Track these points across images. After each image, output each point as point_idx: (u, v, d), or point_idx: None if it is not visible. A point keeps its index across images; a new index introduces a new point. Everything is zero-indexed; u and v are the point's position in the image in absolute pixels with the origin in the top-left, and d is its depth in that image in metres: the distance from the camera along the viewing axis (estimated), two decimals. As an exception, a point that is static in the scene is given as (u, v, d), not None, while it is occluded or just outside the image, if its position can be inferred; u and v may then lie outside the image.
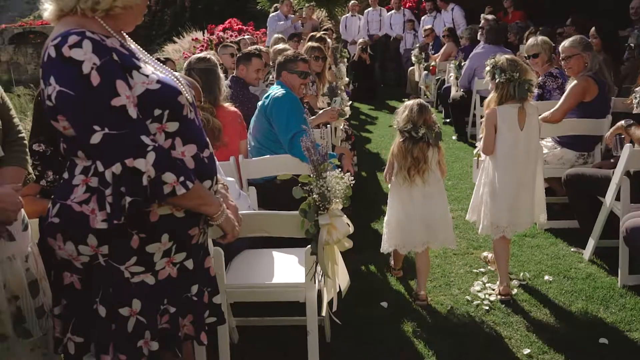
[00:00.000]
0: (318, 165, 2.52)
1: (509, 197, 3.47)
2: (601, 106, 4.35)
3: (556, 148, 4.55)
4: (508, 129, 3.42)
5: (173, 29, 16.59)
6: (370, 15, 12.62)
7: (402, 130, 3.38)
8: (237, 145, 3.83)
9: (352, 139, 5.92)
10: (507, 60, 3.45)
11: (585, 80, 4.30)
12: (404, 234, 3.50)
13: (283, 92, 4.06)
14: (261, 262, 3.04)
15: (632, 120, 3.61)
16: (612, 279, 3.70)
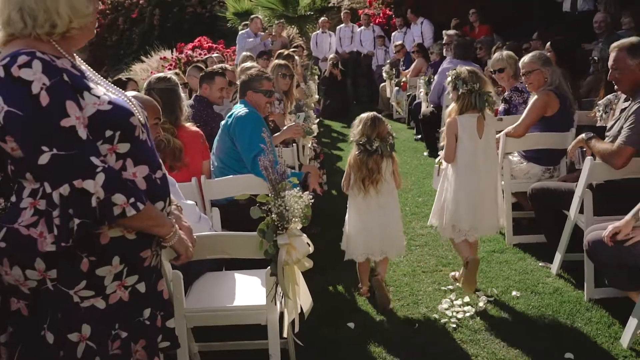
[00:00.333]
0: (276, 184, 2.55)
1: (471, 202, 3.70)
2: (564, 120, 4.47)
3: (522, 163, 4.66)
4: (468, 138, 3.68)
5: (141, 48, 16.56)
6: (342, 31, 12.80)
7: (357, 142, 3.61)
8: (199, 165, 3.84)
9: (320, 158, 5.97)
10: (468, 72, 3.71)
11: (547, 94, 4.43)
12: (363, 243, 3.72)
13: (246, 111, 4.11)
14: (222, 285, 3.05)
15: (592, 133, 3.73)
16: (579, 293, 3.78)
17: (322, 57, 12.49)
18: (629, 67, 3.52)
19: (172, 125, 3.66)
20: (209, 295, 2.94)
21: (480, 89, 3.65)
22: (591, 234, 3.23)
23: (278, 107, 5.62)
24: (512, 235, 4.67)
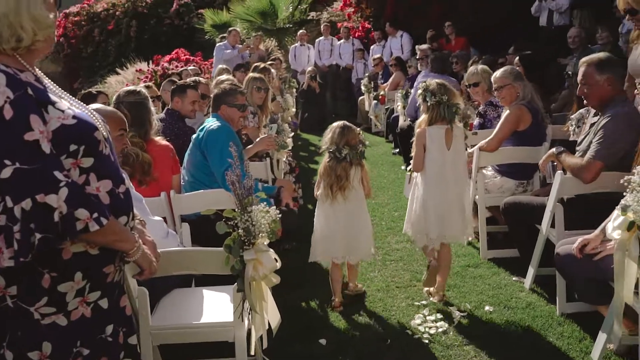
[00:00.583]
0: (243, 199, 2.58)
1: (438, 212, 3.86)
2: (536, 134, 4.56)
3: (496, 177, 4.74)
4: (436, 149, 3.85)
5: (117, 60, 16.54)
6: (321, 44, 12.92)
7: (328, 150, 3.85)
8: (169, 180, 3.85)
9: (296, 171, 6.01)
10: (437, 84, 3.87)
11: (519, 109, 4.52)
12: (327, 247, 3.93)
13: (218, 125, 4.14)
14: (190, 302, 3.05)
15: (562, 147, 3.81)
16: (552, 308, 3.83)
17: (301, 70, 12.58)
18: (597, 82, 3.61)
19: (141, 139, 3.68)
20: (176, 312, 2.94)
21: (449, 101, 3.79)
22: (561, 247, 3.29)
23: (252, 120, 5.65)
24: (486, 249, 4.73)
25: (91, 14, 19.24)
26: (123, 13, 18.80)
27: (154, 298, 3.01)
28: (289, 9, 14.91)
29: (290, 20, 14.95)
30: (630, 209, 2.60)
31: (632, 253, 2.68)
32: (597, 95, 3.64)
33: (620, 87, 3.63)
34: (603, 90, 3.60)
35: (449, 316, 3.81)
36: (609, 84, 3.58)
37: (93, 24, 19.11)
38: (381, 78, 10.62)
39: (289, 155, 5.91)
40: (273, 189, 4.49)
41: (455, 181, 3.88)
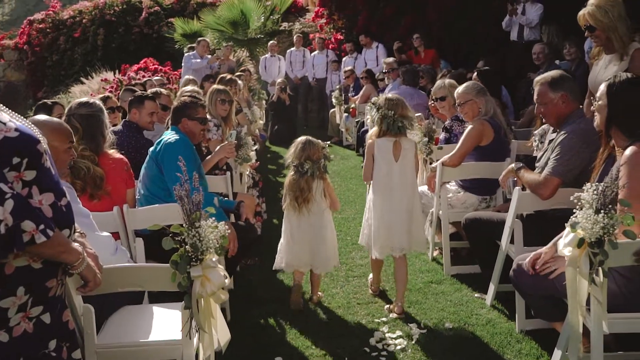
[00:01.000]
0: (190, 214, 2.60)
1: (385, 222, 4.11)
2: (499, 149, 4.65)
3: (460, 192, 4.82)
4: (384, 160, 4.11)
5: (83, 69, 16.41)
6: (293, 55, 13.00)
7: (292, 165, 4.14)
8: (122, 194, 3.84)
9: (259, 185, 6.03)
10: (385, 99, 4.13)
11: (481, 124, 4.61)
12: (291, 256, 4.21)
13: (176, 138, 4.14)
14: (140, 319, 3.04)
15: (521, 163, 3.90)
16: (511, 324, 3.90)
17: (271, 81, 12.64)
18: (552, 100, 3.72)
19: (92, 153, 3.66)
20: (123, 330, 2.93)
21: (394, 115, 4.04)
22: (516, 264, 3.36)
23: (216, 133, 5.66)
24: (450, 265, 4.81)
25: (57, 22, 19.09)
26: (90, 21, 18.67)
27: (102, 315, 3.00)
28: (260, 19, 14.95)
29: (262, 30, 14.99)
30: (579, 226, 2.67)
31: (583, 270, 2.74)
32: (553, 113, 3.74)
33: (576, 104, 3.73)
34: (558, 108, 3.70)
35: (409, 333, 3.86)
36: (563, 102, 3.69)
37: (59, 32, 18.96)
38: (352, 90, 10.72)
39: (252, 168, 5.92)
40: (232, 203, 4.51)
41: (403, 192, 4.11)
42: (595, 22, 4.08)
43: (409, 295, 4.42)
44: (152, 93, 5.58)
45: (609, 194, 2.61)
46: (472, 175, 4.70)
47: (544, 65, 7.22)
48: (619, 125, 3.00)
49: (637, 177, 2.86)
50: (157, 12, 18.56)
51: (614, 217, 2.61)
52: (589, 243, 2.69)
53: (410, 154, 4.12)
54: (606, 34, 4.07)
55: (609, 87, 3.04)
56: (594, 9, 4.09)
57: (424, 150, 5.38)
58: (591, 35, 4.22)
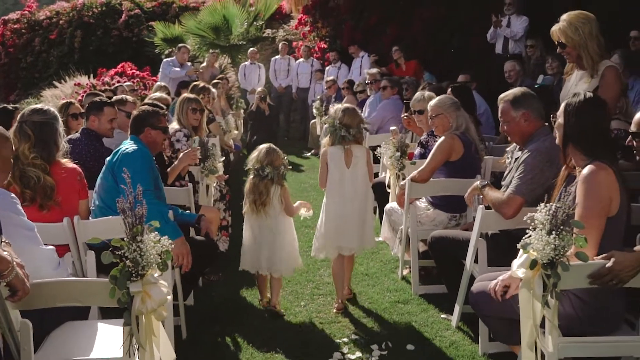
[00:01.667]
0: (132, 227, 2.63)
1: (337, 225, 4.53)
2: (469, 165, 4.71)
3: (429, 209, 4.87)
4: (336, 167, 4.53)
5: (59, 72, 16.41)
6: (277, 63, 13.05)
7: (252, 168, 4.46)
8: (74, 205, 3.86)
9: (227, 198, 6.05)
10: (336, 110, 4.57)
11: (451, 138, 4.67)
12: (252, 258, 4.53)
13: (135, 148, 4.17)
14: (82, 336, 3.06)
15: (486, 181, 3.96)
16: (475, 347, 3.94)
17: (250, 89, 12.68)
18: (514, 119, 3.80)
19: (44, 162, 3.68)
20: (63, 347, 2.94)
21: (339, 125, 4.47)
22: (475, 285, 3.41)
23: (185, 143, 5.67)
24: (418, 285, 4.85)
25: (32, 22, 19.12)
26: (67, 22, 18.71)
27: (43, 331, 3.01)
28: (243, 25, 15.07)
29: (245, 37, 15.10)
30: (530, 246, 2.72)
31: (537, 292, 2.79)
32: (516, 132, 3.82)
33: (540, 122, 3.80)
34: (520, 126, 3.78)
35: (369, 354, 3.89)
36: (525, 120, 3.76)
37: (34, 33, 18.98)
38: (334, 101, 10.77)
39: (221, 180, 5.95)
40: (193, 216, 4.54)
41: (355, 197, 4.55)
42: (566, 39, 4.17)
43: (374, 315, 4.48)
44: (117, 99, 5.63)
45: (560, 215, 2.67)
46: (442, 192, 4.75)
47: (517, 82, 7.32)
48: (576, 144, 3.07)
49: (592, 197, 2.92)
50: (138, 15, 18.61)
51: (566, 239, 2.67)
52: (542, 264, 2.74)
53: (361, 161, 4.53)
54: (577, 51, 4.15)
55: (566, 106, 3.11)
56: (565, 26, 4.19)
57: (396, 165, 5.45)
58: (563, 51, 4.31)
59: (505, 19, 8.90)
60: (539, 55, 8.10)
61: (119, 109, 5.54)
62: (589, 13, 4.28)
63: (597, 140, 3.05)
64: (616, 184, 2.98)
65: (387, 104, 8.06)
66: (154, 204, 3.82)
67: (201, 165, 5.44)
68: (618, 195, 2.98)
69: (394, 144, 5.52)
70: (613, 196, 2.97)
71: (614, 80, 4.12)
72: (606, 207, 2.95)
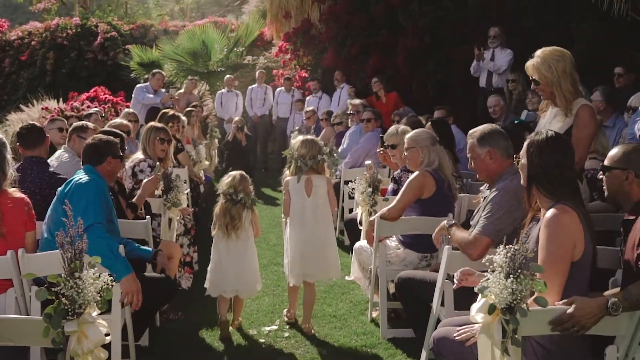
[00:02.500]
0: (70, 262, 2.63)
1: (299, 252, 4.90)
2: (442, 203, 4.74)
3: (399, 248, 4.89)
4: (297, 196, 4.96)
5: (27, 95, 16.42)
6: (253, 92, 13.11)
7: (225, 193, 4.85)
8: (21, 236, 3.84)
9: (192, 233, 6.04)
10: (296, 140, 5.09)
11: (422, 175, 4.72)
12: (218, 279, 4.88)
13: (89, 178, 4.17)
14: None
15: (454, 220, 4.00)
16: (441, 395, 3.93)
17: (228, 118, 12.72)
18: (479, 156, 3.86)
19: (-12, 191, 3.68)
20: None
21: (296, 156, 4.92)
22: (438, 330, 3.42)
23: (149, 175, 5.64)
24: (387, 328, 4.85)
25: (3, 42, 19.23)
26: (40, 43, 18.85)
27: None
28: (223, 51, 15.21)
29: (224, 63, 15.24)
30: (488, 290, 2.75)
31: (496, 338, 2.81)
32: (482, 169, 3.88)
33: (508, 161, 3.85)
34: (485, 164, 3.85)
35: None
36: (491, 158, 3.83)
37: (4, 53, 19.10)
38: (314, 132, 10.83)
39: (186, 214, 5.94)
40: (149, 252, 4.52)
41: (316, 225, 4.95)
42: (539, 76, 4.25)
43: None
44: (76, 126, 5.64)
45: (519, 258, 2.70)
46: (412, 231, 4.78)
47: (501, 118, 7.43)
48: (540, 185, 3.12)
49: (555, 241, 2.96)
50: (114, 38, 18.80)
51: (524, 283, 2.70)
52: (501, 309, 2.77)
53: (321, 190, 4.96)
54: (550, 88, 4.23)
55: (528, 145, 3.17)
56: (538, 62, 4.27)
57: (368, 201, 5.49)
58: (536, 88, 4.39)
59: (489, 52, 9.04)
60: (521, 90, 8.22)
61: (79, 136, 5.59)
62: (564, 50, 4.36)
63: (561, 181, 3.09)
64: (580, 228, 3.02)
65: (370, 137, 8.07)
66: (103, 238, 3.82)
67: (164, 197, 5.44)
68: (583, 239, 3.02)
69: (367, 180, 5.56)
70: (577, 240, 3.00)
71: (589, 119, 4.19)
72: (569, 252, 2.99)
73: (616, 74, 7.25)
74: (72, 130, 5.71)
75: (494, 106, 7.63)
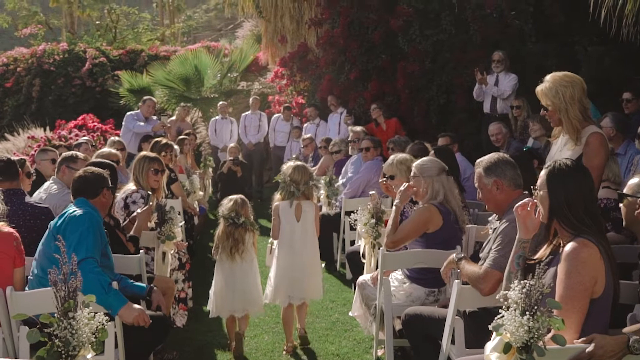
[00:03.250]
0: (63, 301, 2.60)
1: (288, 274, 5.33)
2: (449, 236, 4.71)
3: (405, 283, 4.86)
4: (287, 220, 5.38)
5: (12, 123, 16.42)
6: (247, 119, 13.08)
7: (226, 217, 5.19)
8: (9, 273, 3.82)
9: (187, 268, 6.00)
10: (287, 166, 5.47)
11: (428, 210, 4.69)
12: (224, 301, 5.24)
13: (83, 211, 4.15)
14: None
15: (463, 253, 3.98)
16: None
17: (222, 146, 12.70)
18: (486, 186, 3.87)
19: (-24, 225, 3.67)
20: None
21: (290, 180, 5.32)
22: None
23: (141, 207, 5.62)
24: (393, 367, 4.80)
25: (-13, 69, 19.27)
26: (26, 70, 18.90)
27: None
28: (216, 76, 15.27)
29: (218, 89, 15.29)
30: (503, 328, 2.73)
31: (513, 379, 2.78)
32: (489, 199, 3.89)
33: (516, 191, 3.85)
34: (492, 194, 3.85)
35: None
36: (497, 188, 3.83)
37: (-12, 81, 19.13)
38: (312, 161, 10.84)
39: (180, 248, 5.91)
40: (144, 288, 4.49)
41: (304, 248, 5.42)
42: (546, 102, 4.27)
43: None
44: (66, 156, 5.64)
45: (535, 294, 2.69)
46: (419, 265, 4.75)
47: (504, 146, 7.44)
48: (562, 219, 3.10)
49: (575, 277, 2.94)
50: (103, 64, 18.87)
51: (541, 320, 2.68)
52: (517, 348, 2.74)
53: (310, 215, 5.43)
54: (557, 114, 4.25)
55: (548, 176, 3.16)
56: (547, 87, 4.29)
57: (371, 233, 5.47)
58: (545, 113, 4.41)
59: (493, 76, 9.09)
60: (526, 116, 8.25)
61: (69, 167, 5.58)
62: (575, 76, 4.38)
63: (584, 214, 3.07)
64: (602, 263, 3.00)
65: (370, 166, 8.04)
66: (94, 273, 3.80)
67: (157, 231, 5.41)
68: (604, 275, 3.00)
69: (370, 210, 5.56)
70: (598, 276, 2.99)
71: (599, 147, 4.21)
72: (589, 288, 2.97)
73: (624, 100, 7.30)
74: (62, 161, 5.70)
75: (495, 134, 7.66)
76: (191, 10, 36.52)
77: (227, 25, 30.93)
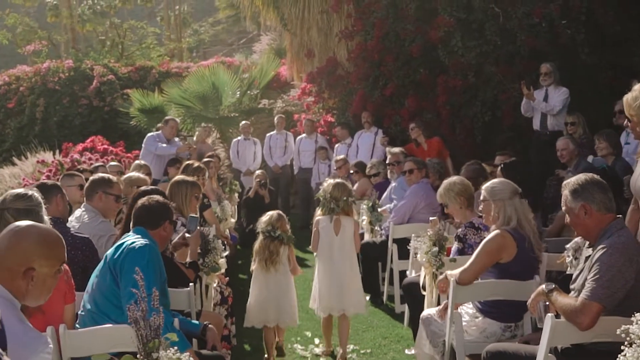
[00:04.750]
0: (146, 342, 2.57)
1: (327, 286, 6.01)
2: (524, 265, 4.64)
3: (478, 317, 4.78)
4: (325, 234, 6.08)
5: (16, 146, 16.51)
6: (272, 140, 13.04)
7: (263, 230, 5.94)
8: (59, 310, 3.79)
9: (229, 302, 5.95)
10: (328, 182, 6.17)
11: (501, 237, 4.60)
12: (260, 312, 5.90)
13: (144, 243, 4.13)
14: None
15: (553, 284, 3.91)
16: None
17: (245, 169, 12.65)
18: (572, 210, 3.82)
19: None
20: None
21: (331, 198, 6.00)
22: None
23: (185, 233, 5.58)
24: (466, 408, 4.71)
25: (-13, 89, 19.41)
26: (29, 89, 19.01)
27: None
28: (235, 94, 15.28)
29: (237, 108, 15.30)
30: (627, 367, 2.67)
31: None
32: (578, 225, 3.83)
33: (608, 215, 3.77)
34: (580, 219, 3.79)
35: None
36: (586, 213, 3.76)
37: (-11, 100, 19.25)
38: (349, 182, 10.74)
39: (222, 280, 5.88)
40: (198, 326, 4.45)
41: (342, 262, 6.07)
42: (630, 112, 4.16)
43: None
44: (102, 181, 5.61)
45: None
46: (492, 297, 4.68)
47: (572, 163, 7.34)
48: None
49: None
50: (111, 82, 18.96)
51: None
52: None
53: (349, 230, 6.09)
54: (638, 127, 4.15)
55: None
56: (632, 97, 4.07)
57: (434, 262, 5.40)
58: (628, 125, 4.34)
59: (542, 90, 9.03)
60: (582, 132, 8.20)
61: (106, 192, 5.55)
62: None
63: None
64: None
65: (416, 189, 7.91)
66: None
67: (200, 262, 5.37)
68: None
69: (431, 238, 5.50)
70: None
71: None
72: None
73: None
74: (96, 186, 5.61)
75: (561, 149, 7.53)
76: (196, 24, 36.78)
77: (239, 39, 31.17)
